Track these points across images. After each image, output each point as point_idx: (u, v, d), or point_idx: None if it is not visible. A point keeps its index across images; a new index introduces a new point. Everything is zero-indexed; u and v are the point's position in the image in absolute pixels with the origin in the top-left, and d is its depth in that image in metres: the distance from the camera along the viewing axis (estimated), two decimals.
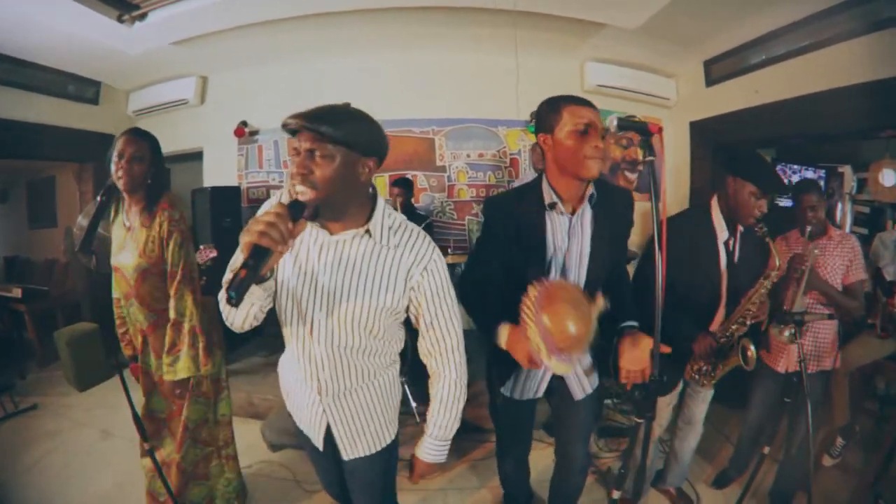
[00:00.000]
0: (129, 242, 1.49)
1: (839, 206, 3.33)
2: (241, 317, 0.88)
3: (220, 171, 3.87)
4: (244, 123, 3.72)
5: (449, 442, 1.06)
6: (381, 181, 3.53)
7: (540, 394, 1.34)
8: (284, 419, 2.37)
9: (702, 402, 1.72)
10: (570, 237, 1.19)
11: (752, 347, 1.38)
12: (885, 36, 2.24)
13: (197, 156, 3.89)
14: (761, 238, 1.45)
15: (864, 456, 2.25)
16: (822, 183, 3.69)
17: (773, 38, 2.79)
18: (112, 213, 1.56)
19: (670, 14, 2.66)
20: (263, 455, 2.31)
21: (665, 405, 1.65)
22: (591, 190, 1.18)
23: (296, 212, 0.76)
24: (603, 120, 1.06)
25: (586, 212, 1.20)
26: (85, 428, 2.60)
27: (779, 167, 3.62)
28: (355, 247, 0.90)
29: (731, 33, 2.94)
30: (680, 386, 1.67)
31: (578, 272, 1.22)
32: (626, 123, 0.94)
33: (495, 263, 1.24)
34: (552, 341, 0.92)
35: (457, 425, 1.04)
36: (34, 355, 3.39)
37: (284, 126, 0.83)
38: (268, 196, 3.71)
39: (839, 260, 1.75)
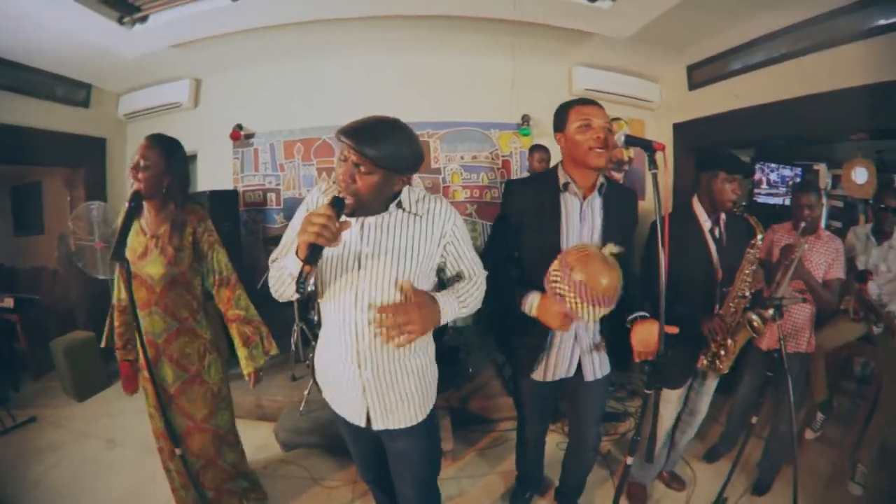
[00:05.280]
0: (153, 251, 1.47)
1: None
2: (292, 290, 1.02)
3: (214, 174, 3.84)
4: (240, 127, 3.70)
5: (451, 315, 1.11)
6: None
7: (571, 373, 1.44)
8: (296, 419, 2.43)
9: (705, 395, 1.85)
10: (581, 220, 1.34)
11: (755, 316, 1.47)
12: (856, 48, 2.41)
13: (190, 159, 3.84)
14: (742, 219, 1.61)
15: (843, 430, 2.45)
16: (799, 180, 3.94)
17: (752, 46, 2.96)
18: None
19: (657, 23, 2.81)
20: (276, 456, 2.35)
21: (675, 398, 1.76)
22: (601, 180, 1.35)
23: (339, 208, 0.92)
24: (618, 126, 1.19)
25: (596, 199, 1.36)
26: (89, 438, 2.56)
27: (757, 166, 3.83)
28: (392, 217, 1.07)
29: (713, 41, 3.10)
30: (688, 382, 1.78)
31: None
32: (633, 140, 1.11)
33: (512, 243, 1.38)
34: (588, 294, 1.09)
35: (465, 310, 1.16)
36: (27, 367, 3.29)
37: (337, 137, 0.95)
38: (264, 199, 3.78)
39: (823, 258, 1.93)
